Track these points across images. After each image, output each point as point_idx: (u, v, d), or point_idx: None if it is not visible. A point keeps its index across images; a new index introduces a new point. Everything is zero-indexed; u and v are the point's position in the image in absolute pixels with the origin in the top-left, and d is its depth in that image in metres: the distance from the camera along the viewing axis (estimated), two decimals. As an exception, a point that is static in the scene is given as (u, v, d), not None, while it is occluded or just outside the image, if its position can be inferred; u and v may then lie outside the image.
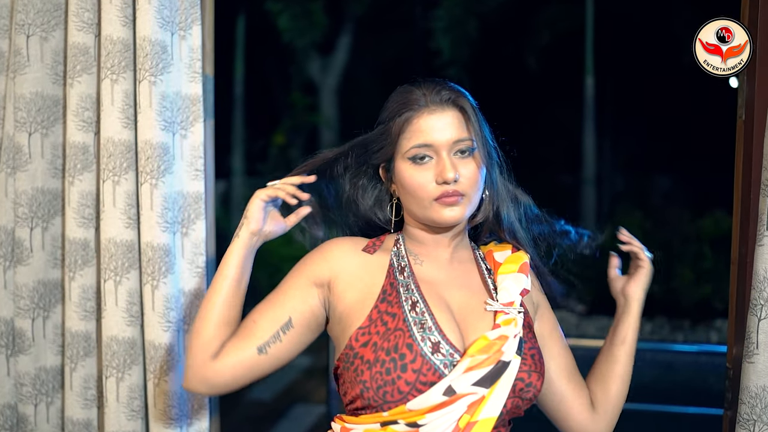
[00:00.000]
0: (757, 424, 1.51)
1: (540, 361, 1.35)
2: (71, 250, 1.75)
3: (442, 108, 1.33)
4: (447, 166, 1.30)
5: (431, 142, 1.32)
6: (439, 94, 1.34)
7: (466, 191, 1.33)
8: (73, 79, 1.70)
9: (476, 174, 1.34)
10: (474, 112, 1.35)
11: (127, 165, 1.70)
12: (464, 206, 1.34)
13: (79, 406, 1.79)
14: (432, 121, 1.32)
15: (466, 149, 1.33)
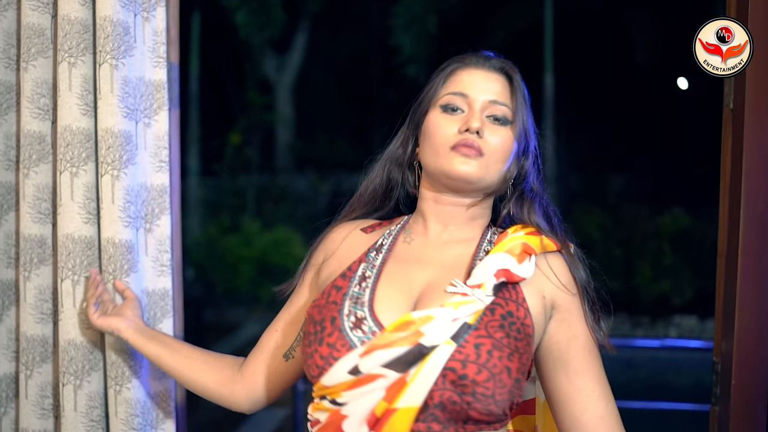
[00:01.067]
0: None
1: (493, 355, 1.12)
2: (26, 248, 1.62)
3: (489, 70, 1.28)
4: (475, 116, 1.23)
5: (468, 93, 1.25)
6: (490, 60, 1.30)
7: (486, 152, 1.22)
8: (28, 63, 1.58)
9: (504, 145, 1.24)
10: (521, 90, 1.28)
11: (87, 155, 1.58)
12: (481, 166, 1.22)
13: (35, 416, 1.67)
14: (475, 76, 1.27)
15: (501, 116, 1.25)
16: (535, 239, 1.24)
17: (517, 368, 1.14)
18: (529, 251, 1.23)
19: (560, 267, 1.24)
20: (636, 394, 4.89)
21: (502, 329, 1.15)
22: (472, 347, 1.11)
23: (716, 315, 1.74)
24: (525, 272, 1.21)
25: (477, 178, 1.23)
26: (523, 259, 1.21)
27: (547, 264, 1.24)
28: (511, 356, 1.13)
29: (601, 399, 1.21)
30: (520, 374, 1.14)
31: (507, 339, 1.14)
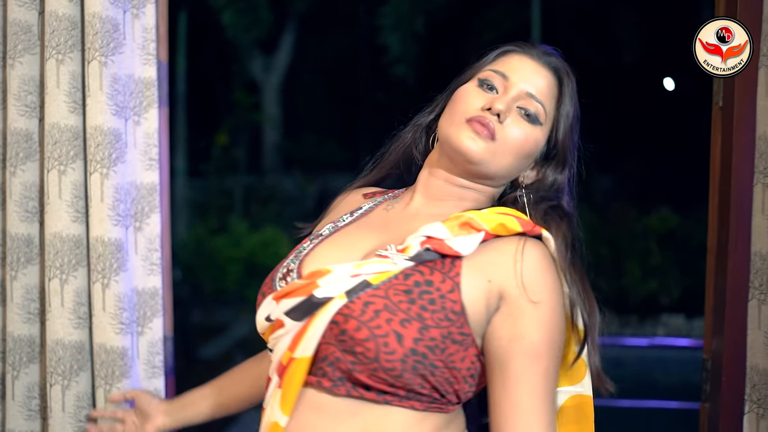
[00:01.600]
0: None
1: (380, 316, 1.05)
2: (13, 247, 1.61)
3: (542, 64, 1.20)
4: (503, 98, 1.15)
5: (509, 75, 1.18)
6: (548, 56, 1.22)
7: (500, 139, 1.14)
8: (14, 60, 1.57)
9: (523, 140, 1.16)
10: (568, 98, 1.21)
11: (75, 153, 1.58)
12: (487, 150, 1.14)
13: (21, 417, 1.66)
14: (524, 64, 1.20)
15: (533, 113, 1.17)
16: (506, 219, 1.14)
17: (415, 338, 1.04)
18: (477, 227, 1.12)
19: (531, 262, 1.11)
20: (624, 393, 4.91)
21: (407, 294, 1.07)
22: (360, 304, 1.06)
23: (706, 313, 1.75)
24: (462, 247, 1.10)
25: (479, 160, 1.15)
26: (463, 233, 1.12)
27: (515, 251, 1.12)
28: (405, 323, 1.04)
29: (529, 414, 1.06)
30: (425, 348, 1.05)
31: (409, 305, 1.06)
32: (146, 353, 1.66)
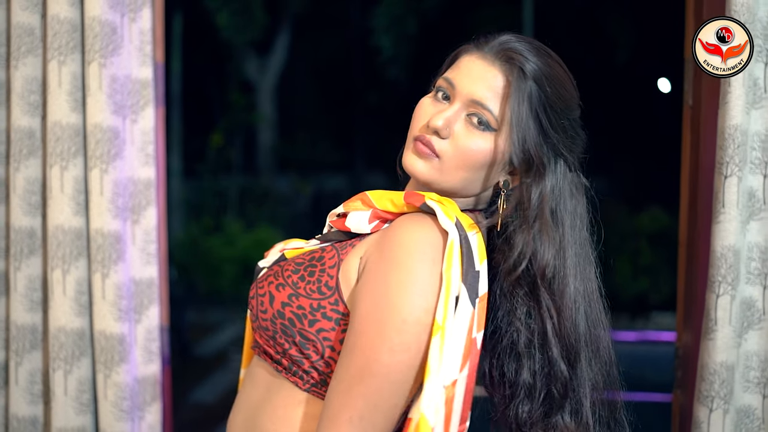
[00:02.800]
0: (715, 400, 1.54)
1: (267, 279, 1.10)
2: (17, 239, 1.68)
3: (492, 61, 1.08)
4: (442, 114, 1.07)
5: (456, 83, 1.09)
6: (504, 47, 1.08)
7: (444, 155, 1.07)
8: (18, 61, 1.64)
9: (473, 152, 1.07)
10: (522, 92, 1.06)
11: (76, 150, 1.65)
12: (432, 169, 1.08)
13: (24, 401, 1.73)
14: (472, 66, 1.09)
15: (484, 120, 1.07)
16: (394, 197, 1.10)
17: (283, 302, 1.05)
18: (368, 204, 1.11)
19: (389, 232, 1.05)
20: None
21: (297, 266, 1.08)
22: (269, 271, 1.12)
23: (678, 303, 1.82)
24: (351, 222, 1.11)
25: (427, 180, 1.10)
26: (357, 209, 1.12)
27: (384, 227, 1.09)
28: (280, 287, 1.06)
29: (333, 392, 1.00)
30: (291, 314, 1.04)
31: (291, 274, 1.07)
32: (143, 340, 1.73)
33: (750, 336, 1.58)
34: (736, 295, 1.53)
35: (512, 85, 1.05)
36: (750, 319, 1.58)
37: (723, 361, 1.53)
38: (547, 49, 1.11)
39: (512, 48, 1.07)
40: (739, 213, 1.51)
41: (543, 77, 1.07)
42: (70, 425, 1.69)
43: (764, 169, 1.55)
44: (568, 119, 1.10)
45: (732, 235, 1.50)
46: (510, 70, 1.06)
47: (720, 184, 1.51)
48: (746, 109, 1.50)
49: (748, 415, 1.58)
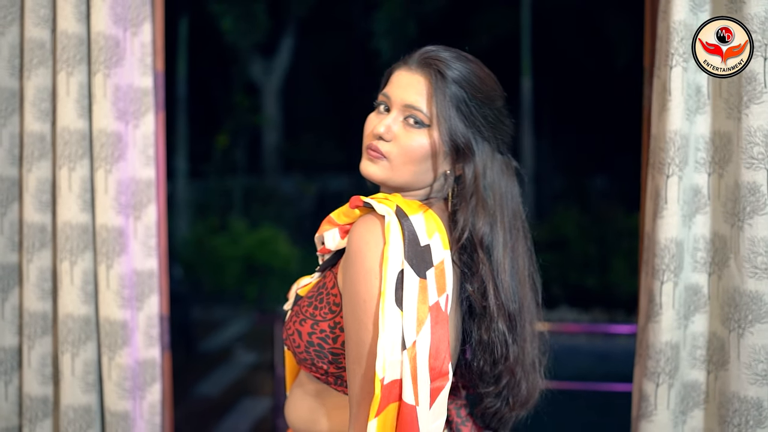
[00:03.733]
0: (661, 375, 1.69)
1: (293, 320, 1.27)
2: (29, 234, 1.85)
3: (415, 69, 1.26)
4: (382, 121, 1.25)
5: (390, 94, 1.27)
6: (424, 56, 1.27)
7: (391, 155, 1.24)
8: (30, 72, 1.81)
9: (414, 148, 1.24)
10: (445, 90, 1.23)
11: (83, 152, 1.81)
12: (383, 168, 1.25)
13: (36, 382, 1.89)
14: (401, 78, 1.27)
15: (418, 120, 1.24)
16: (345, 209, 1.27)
17: (309, 332, 1.23)
18: (333, 223, 1.30)
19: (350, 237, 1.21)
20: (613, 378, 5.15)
21: (309, 299, 1.27)
22: (291, 314, 1.29)
23: (640, 295, 1.94)
24: (328, 242, 1.28)
25: (382, 180, 1.27)
26: (328, 230, 1.30)
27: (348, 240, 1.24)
28: (302, 321, 1.25)
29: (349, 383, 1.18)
30: (318, 339, 1.23)
31: (307, 307, 1.26)
32: (144, 326, 1.90)
33: (697, 318, 1.73)
34: (679, 282, 1.68)
35: (434, 85, 1.23)
36: (696, 303, 1.73)
37: (668, 340, 1.68)
38: (465, 54, 1.29)
39: (431, 56, 1.26)
40: (680, 209, 1.66)
41: (461, 76, 1.24)
42: (78, 403, 1.85)
43: (708, 168, 1.71)
44: (490, 109, 1.27)
45: (674, 228, 1.66)
46: (431, 74, 1.24)
47: (663, 183, 1.66)
48: (687, 114, 1.65)
49: (695, 389, 1.73)
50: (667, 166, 1.65)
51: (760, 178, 1.58)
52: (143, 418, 1.89)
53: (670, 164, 1.65)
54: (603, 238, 7.87)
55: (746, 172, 1.59)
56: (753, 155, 1.58)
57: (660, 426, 1.70)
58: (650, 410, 1.71)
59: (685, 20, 1.62)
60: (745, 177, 1.59)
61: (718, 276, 1.70)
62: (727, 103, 1.65)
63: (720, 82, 1.67)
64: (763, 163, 1.58)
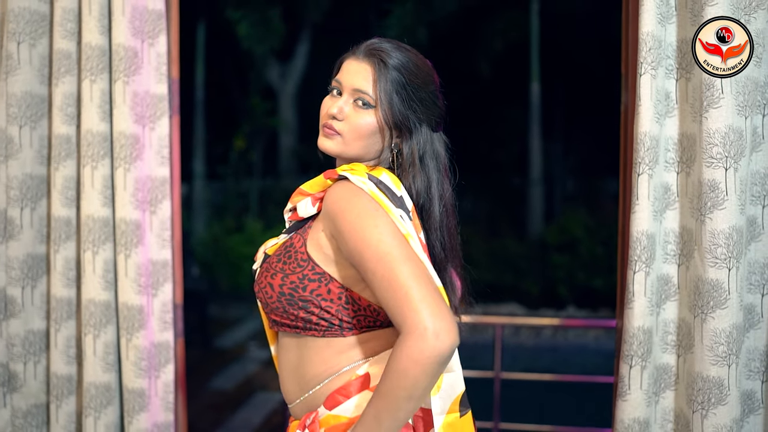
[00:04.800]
0: (634, 358, 1.84)
1: (263, 275, 1.41)
2: (56, 227, 2.03)
3: (362, 59, 1.44)
4: (336, 103, 1.43)
5: (340, 80, 1.45)
6: (369, 47, 1.44)
7: (343, 132, 1.42)
8: (58, 80, 1.99)
9: (362, 126, 1.41)
10: (386, 76, 1.40)
11: (104, 152, 1.99)
12: (337, 143, 1.43)
13: (62, 362, 2.08)
14: (349, 65, 1.45)
15: (365, 102, 1.42)
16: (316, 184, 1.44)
17: (280, 284, 1.37)
18: (305, 194, 1.46)
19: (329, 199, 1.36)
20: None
21: (278, 256, 1.42)
22: (260, 270, 1.44)
23: (618, 285, 2.08)
24: (301, 210, 1.44)
25: (337, 153, 1.44)
26: (299, 199, 1.47)
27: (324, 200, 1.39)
28: (274, 275, 1.39)
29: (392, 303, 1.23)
30: (289, 289, 1.37)
31: (276, 263, 1.41)
32: (159, 311, 2.07)
33: (667, 306, 1.88)
34: (650, 272, 1.83)
35: (378, 72, 1.41)
36: (667, 292, 1.87)
37: (640, 326, 1.83)
38: (405, 45, 1.47)
39: (375, 47, 1.44)
40: (651, 204, 1.81)
41: (400, 64, 1.42)
42: (99, 381, 2.03)
43: (677, 167, 1.85)
44: (425, 92, 1.44)
45: (645, 222, 1.81)
46: (375, 63, 1.42)
47: (635, 181, 1.82)
48: (656, 118, 1.80)
49: (666, 371, 1.88)
50: (638, 165, 1.80)
51: (719, 176, 1.73)
52: (158, 395, 2.07)
53: (641, 163, 1.80)
54: (611, 239, 7.99)
55: (707, 170, 1.74)
56: (713, 155, 1.73)
57: (634, 405, 1.85)
58: (625, 390, 1.86)
59: (653, 32, 1.77)
60: (706, 175, 1.74)
61: (686, 267, 1.85)
62: (692, 108, 1.80)
63: (686, 89, 1.82)
64: (722, 162, 1.72)
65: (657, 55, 1.78)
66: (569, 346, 7.41)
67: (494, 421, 3.40)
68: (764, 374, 1.87)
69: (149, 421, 2.05)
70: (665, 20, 1.80)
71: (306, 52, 11.54)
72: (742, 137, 1.73)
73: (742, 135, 1.74)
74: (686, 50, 1.81)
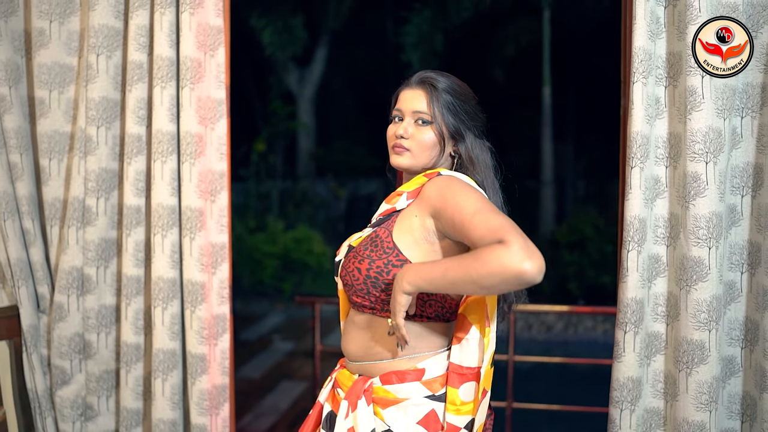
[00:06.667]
0: (628, 325, 2.13)
1: (351, 260, 1.66)
2: (128, 214, 2.34)
3: (415, 86, 1.73)
4: (401, 125, 1.73)
5: (400, 107, 1.74)
6: (420, 77, 1.74)
7: (411, 148, 1.70)
8: (131, 86, 2.30)
9: (426, 139, 1.69)
10: (438, 97, 1.69)
11: (172, 149, 2.30)
12: (407, 158, 1.71)
13: (131, 333, 2.39)
14: (405, 94, 1.75)
15: (422, 120, 1.70)
16: (414, 183, 1.71)
17: (367, 268, 1.62)
18: (400, 193, 1.71)
19: (431, 187, 1.64)
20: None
21: (364, 245, 1.66)
22: (347, 259, 1.69)
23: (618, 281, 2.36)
24: (400, 205, 1.69)
25: (407, 166, 1.72)
26: (394, 198, 1.73)
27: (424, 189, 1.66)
28: (361, 260, 1.64)
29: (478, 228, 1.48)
30: (375, 273, 1.61)
31: (364, 250, 1.65)
32: (217, 287, 2.37)
33: (658, 282, 2.16)
34: (642, 251, 2.12)
35: (430, 95, 1.71)
36: (657, 269, 2.16)
37: (633, 297, 2.12)
38: (446, 72, 1.76)
39: (424, 76, 1.74)
40: (642, 193, 2.10)
41: (447, 86, 1.72)
42: (166, 347, 2.34)
43: (666, 161, 2.15)
44: (469, 106, 1.74)
45: (637, 208, 2.10)
46: (427, 88, 1.72)
47: (628, 173, 2.11)
48: (647, 119, 2.09)
49: (657, 338, 2.17)
50: (630, 159, 2.10)
51: (700, 169, 2.02)
52: (216, 360, 2.37)
53: (633, 158, 2.09)
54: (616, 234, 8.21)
55: (690, 164, 2.03)
56: (695, 151, 2.02)
57: (628, 365, 2.14)
58: (620, 353, 2.15)
59: (644, 46, 2.06)
60: (689, 168, 2.04)
61: (673, 247, 2.14)
62: (678, 110, 2.09)
63: (674, 94, 2.11)
64: (703, 157, 2.02)
65: (647, 66, 2.07)
66: (579, 340, 7.68)
67: (508, 401, 3.70)
68: (743, 341, 2.16)
69: (209, 383, 2.35)
70: (655, 36, 2.10)
71: (324, 57, 11.83)
72: (720, 136, 2.03)
73: (720, 134, 2.03)
74: (674, 61, 2.10)
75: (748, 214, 2.13)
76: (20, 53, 2.36)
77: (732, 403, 2.17)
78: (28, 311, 2.35)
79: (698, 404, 2.06)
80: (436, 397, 1.63)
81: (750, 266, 2.13)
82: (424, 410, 1.61)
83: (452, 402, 1.61)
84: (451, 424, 1.60)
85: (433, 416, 1.62)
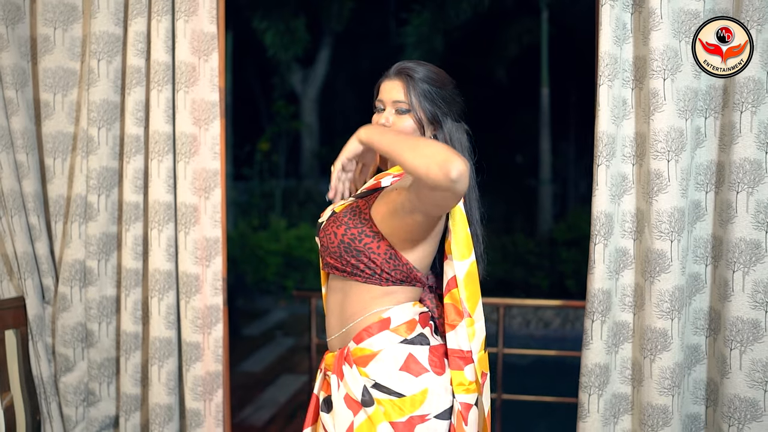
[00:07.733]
0: (595, 314, 2.25)
1: (329, 225, 1.77)
2: (127, 210, 2.48)
3: (394, 77, 1.81)
4: (383, 115, 1.82)
5: (381, 98, 1.83)
6: (397, 68, 1.82)
7: None
8: (130, 90, 2.44)
9: (406, 127, 1.78)
10: (414, 86, 1.77)
11: (168, 149, 2.44)
12: None
13: (130, 322, 2.52)
14: (385, 85, 1.83)
15: (403, 109, 1.78)
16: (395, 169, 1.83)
17: (342, 234, 1.74)
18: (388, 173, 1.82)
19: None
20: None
21: (344, 213, 1.78)
22: (327, 222, 1.80)
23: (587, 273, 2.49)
24: (385, 182, 1.80)
25: None
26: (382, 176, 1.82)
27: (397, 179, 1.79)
28: (339, 226, 1.75)
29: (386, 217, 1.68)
30: (348, 239, 1.72)
31: (342, 217, 1.76)
32: (211, 279, 2.50)
33: (625, 273, 2.28)
34: (608, 244, 2.25)
35: (408, 84, 1.80)
36: (625, 262, 2.28)
37: (600, 287, 2.24)
38: (422, 61, 1.84)
39: (401, 67, 1.82)
40: (608, 189, 2.23)
41: (423, 75, 1.79)
42: (162, 336, 2.47)
43: (633, 160, 2.27)
44: (445, 92, 1.81)
45: (603, 203, 2.22)
46: (404, 78, 1.80)
47: (595, 171, 2.24)
48: (613, 120, 2.21)
49: (624, 327, 2.29)
50: (597, 157, 2.22)
51: (663, 167, 2.15)
52: (210, 349, 2.51)
53: (600, 156, 2.22)
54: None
55: (653, 162, 2.16)
56: (657, 150, 2.15)
57: (595, 352, 2.27)
58: (588, 341, 2.28)
59: (609, 50, 2.19)
60: (652, 165, 2.16)
61: (639, 241, 2.27)
62: (643, 111, 2.21)
63: (639, 96, 2.24)
64: (665, 155, 2.14)
65: (613, 69, 2.19)
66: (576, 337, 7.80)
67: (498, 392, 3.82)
68: (708, 330, 2.28)
69: (203, 369, 2.49)
70: (621, 41, 2.22)
71: (327, 58, 11.95)
72: (682, 135, 2.15)
73: (682, 133, 2.15)
74: (640, 65, 2.22)
75: (712, 209, 2.25)
76: (26, 58, 2.50)
77: (697, 389, 2.30)
78: (33, 302, 2.49)
79: (661, 389, 2.19)
80: (409, 340, 1.74)
81: (714, 259, 2.25)
82: (402, 356, 1.72)
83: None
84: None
85: (412, 360, 1.73)
